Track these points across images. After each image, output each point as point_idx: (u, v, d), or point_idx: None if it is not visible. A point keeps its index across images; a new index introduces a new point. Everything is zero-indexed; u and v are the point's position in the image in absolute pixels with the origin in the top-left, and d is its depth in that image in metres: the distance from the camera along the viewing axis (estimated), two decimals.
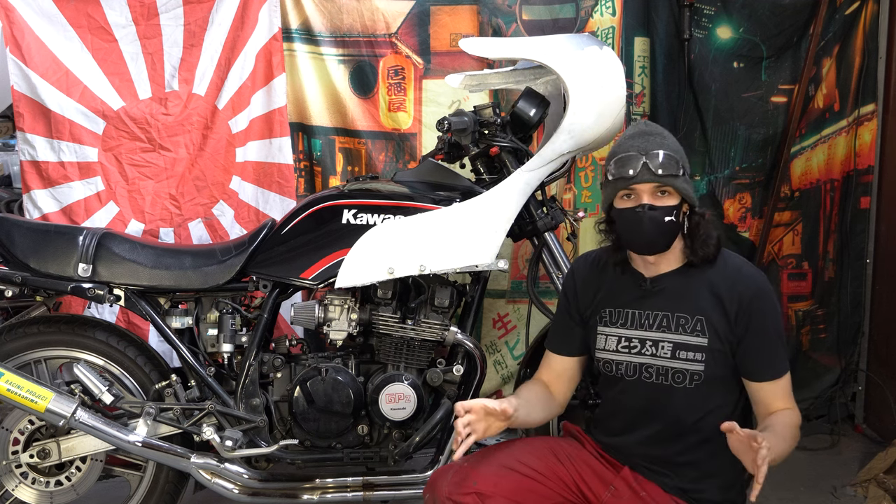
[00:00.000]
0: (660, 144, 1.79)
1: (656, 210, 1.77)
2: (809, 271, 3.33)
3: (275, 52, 2.95)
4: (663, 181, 1.76)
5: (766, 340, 1.79)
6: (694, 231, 1.82)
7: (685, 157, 1.84)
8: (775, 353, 1.80)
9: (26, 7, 2.80)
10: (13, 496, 2.35)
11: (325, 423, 2.33)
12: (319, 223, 2.34)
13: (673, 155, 1.78)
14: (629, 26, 3.08)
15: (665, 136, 1.83)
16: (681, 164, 1.78)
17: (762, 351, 1.79)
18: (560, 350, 2.04)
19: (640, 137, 1.82)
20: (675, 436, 1.84)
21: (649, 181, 1.77)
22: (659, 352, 1.84)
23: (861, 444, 3.22)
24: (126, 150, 2.91)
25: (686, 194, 1.80)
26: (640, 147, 1.78)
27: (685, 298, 1.83)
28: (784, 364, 1.81)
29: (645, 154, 1.76)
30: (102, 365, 2.39)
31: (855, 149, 3.26)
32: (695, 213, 1.84)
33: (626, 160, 1.78)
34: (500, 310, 3.18)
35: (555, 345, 2.06)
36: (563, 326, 2.05)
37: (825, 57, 3.19)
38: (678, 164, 1.78)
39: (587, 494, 1.88)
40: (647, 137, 1.81)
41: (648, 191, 1.78)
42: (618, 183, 1.80)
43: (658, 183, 1.77)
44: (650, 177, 1.76)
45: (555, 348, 2.05)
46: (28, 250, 2.29)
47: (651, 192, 1.78)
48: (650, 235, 1.80)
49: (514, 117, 2.39)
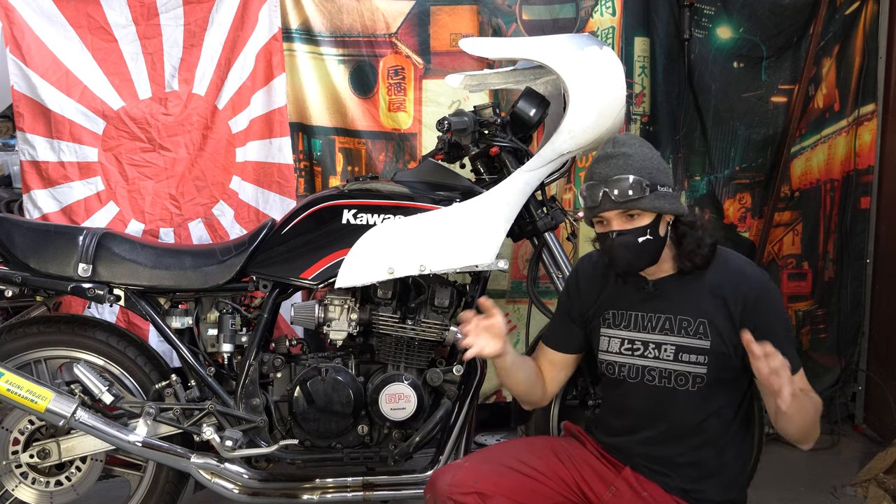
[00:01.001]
0: (621, 168, 1.77)
1: (626, 234, 1.78)
2: (809, 271, 3.33)
3: (275, 52, 2.95)
4: (626, 206, 1.76)
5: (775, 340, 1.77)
6: (681, 240, 1.82)
7: (661, 168, 1.81)
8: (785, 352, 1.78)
9: (26, 7, 2.80)
10: (13, 496, 2.35)
11: (325, 423, 2.33)
12: (319, 223, 2.34)
13: (635, 177, 1.75)
14: (629, 26, 3.08)
15: (630, 156, 1.79)
16: (646, 184, 1.75)
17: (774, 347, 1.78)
18: (556, 346, 2.04)
19: (602, 163, 1.81)
20: (677, 437, 1.84)
21: (612, 209, 1.78)
22: (661, 354, 1.83)
23: (861, 444, 3.23)
24: (126, 150, 2.91)
25: (662, 209, 1.78)
26: (600, 175, 1.80)
27: (688, 301, 1.83)
28: (796, 361, 1.78)
29: (604, 182, 1.77)
30: (102, 365, 2.38)
31: (855, 149, 3.26)
32: (680, 223, 1.82)
33: (590, 189, 1.81)
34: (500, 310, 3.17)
35: (551, 341, 2.06)
36: (561, 324, 2.05)
37: (825, 57, 3.19)
38: (641, 185, 1.75)
39: (588, 494, 1.88)
40: (608, 162, 1.80)
41: (615, 217, 1.79)
42: (588, 212, 1.85)
43: (621, 209, 1.77)
44: (611, 205, 1.77)
45: (551, 344, 2.06)
46: (28, 250, 2.29)
47: (619, 218, 1.79)
48: (625, 259, 1.80)
49: (514, 117, 2.39)
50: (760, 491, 2.66)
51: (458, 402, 2.38)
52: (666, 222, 1.81)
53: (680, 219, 1.82)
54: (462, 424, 2.38)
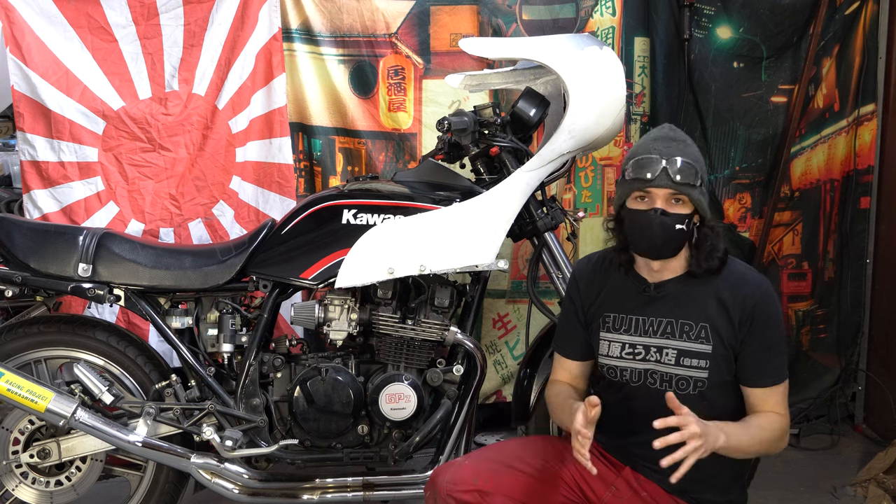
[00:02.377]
0: (682, 152, 1.78)
1: (668, 216, 1.77)
2: (809, 271, 3.33)
3: (275, 52, 2.95)
4: (680, 189, 1.76)
5: (765, 347, 1.78)
6: (701, 243, 1.82)
7: (705, 168, 1.82)
8: (774, 360, 1.79)
9: (26, 7, 2.80)
10: (13, 496, 2.35)
11: (325, 423, 2.33)
12: (319, 223, 2.34)
13: (693, 164, 1.77)
14: (629, 26, 3.08)
15: (688, 145, 1.82)
16: (699, 175, 1.77)
17: (760, 357, 1.79)
18: (571, 355, 2.02)
19: (663, 141, 1.81)
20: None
21: (666, 186, 1.76)
22: (663, 358, 1.83)
23: (861, 444, 3.22)
24: (126, 150, 2.91)
25: (699, 205, 1.79)
26: (661, 151, 1.78)
27: (689, 305, 1.83)
28: (782, 372, 1.81)
29: (666, 159, 1.76)
30: (102, 365, 2.39)
31: (855, 149, 3.26)
32: (705, 225, 1.83)
33: (647, 162, 1.77)
34: (500, 310, 3.18)
35: (566, 350, 2.04)
36: (571, 332, 2.03)
37: (825, 57, 3.19)
38: (696, 174, 1.76)
39: (588, 494, 1.88)
40: (670, 143, 1.80)
41: (663, 196, 1.77)
42: (634, 183, 1.79)
43: (674, 190, 1.76)
44: (667, 182, 1.75)
45: (566, 353, 2.04)
46: (28, 250, 2.29)
47: (666, 198, 1.77)
48: (658, 240, 1.79)
49: (514, 117, 2.39)
50: (760, 491, 2.66)
51: (458, 402, 2.38)
52: (694, 222, 1.82)
53: (705, 221, 1.83)
54: (462, 424, 2.38)
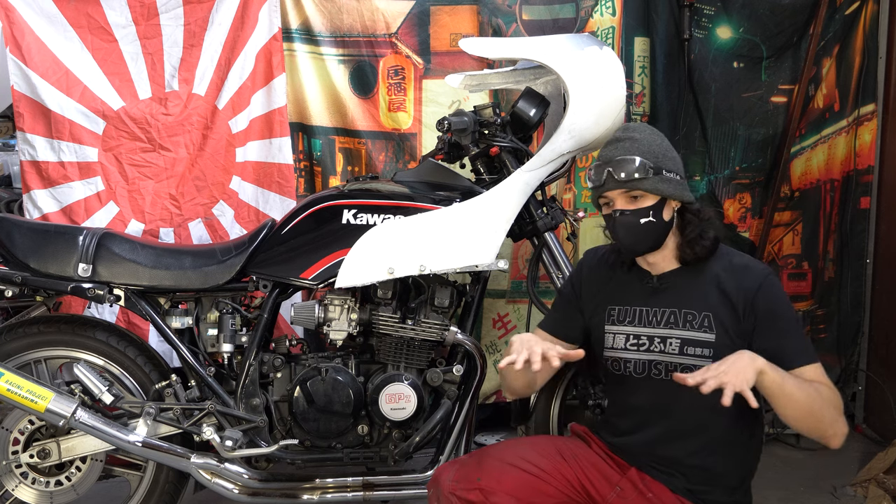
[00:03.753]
0: (625, 150, 1.83)
1: (628, 214, 1.83)
2: (809, 271, 3.33)
3: (275, 52, 2.95)
4: (628, 186, 1.82)
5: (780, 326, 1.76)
6: (685, 228, 1.85)
7: (669, 154, 1.85)
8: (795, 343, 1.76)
9: (26, 7, 2.80)
10: (13, 496, 2.35)
11: (325, 423, 2.33)
12: (319, 223, 2.34)
13: (640, 158, 1.80)
14: (629, 26, 3.08)
15: (637, 140, 1.85)
16: (650, 166, 1.80)
17: (780, 338, 1.76)
18: (555, 332, 2.02)
19: (610, 146, 1.89)
20: (682, 435, 1.83)
21: (615, 188, 1.83)
22: (667, 348, 1.84)
23: (861, 444, 3.22)
24: (126, 150, 2.91)
25: (665, 193, 1.81)
26: (604, 156, 1.87)
27: (692, 295, 1.84)
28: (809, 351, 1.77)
29: (608, 163, 1.84)
30: (102, 365, 2.38)
31: (855, 149, 3.26)
32: (687, 210, 1.86)
33: (595, 171, 1.87)
34: (500, 310, 3.18)
35: (549, 326, 2.05)
36: (563, 311, 2.05)
37: (825, 57, 3.19)
38: (645, 167, 1.80)
39: (592, 494, 1.87)
40: (616, 145, 1.87)
41: (619, 196, 1.85)
42: (594, 193, 1.91)
43: (624, 188, 1.82)
44: (614, 184, 1.83)
45: (550, 329, 2.04)
46: (28, 250, 2.29)
47: (622, 198, 1.84)
48: (628, 238, 1.86)
49: (514, 117, 2.39)
50: (760, 491, 2.65)
51: (458, 402, 2.38)
52: (672, 208, 1.85)
53: (686, 206, 1.86)
54: (462, 424, 2.38)
